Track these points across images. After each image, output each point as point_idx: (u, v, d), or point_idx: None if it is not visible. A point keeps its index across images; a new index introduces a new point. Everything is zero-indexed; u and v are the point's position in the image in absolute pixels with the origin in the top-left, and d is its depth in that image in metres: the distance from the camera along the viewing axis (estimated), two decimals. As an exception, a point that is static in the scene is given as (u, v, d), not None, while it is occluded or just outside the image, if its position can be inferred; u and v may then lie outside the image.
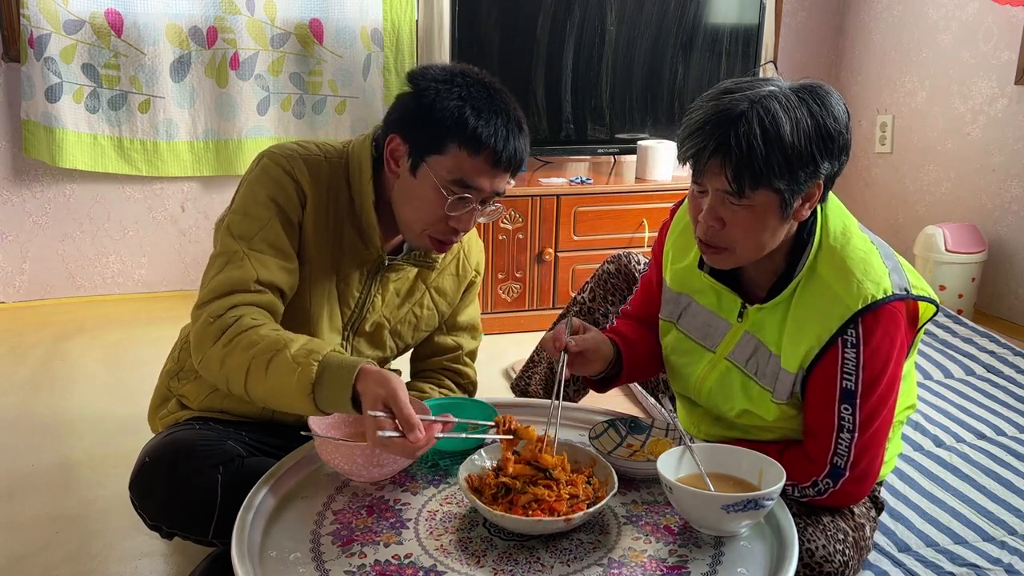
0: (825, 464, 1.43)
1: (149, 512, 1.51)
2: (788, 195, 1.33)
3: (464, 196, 1.46)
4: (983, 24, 3.41)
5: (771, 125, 1.29)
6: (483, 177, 1.46)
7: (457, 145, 1.44)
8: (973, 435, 2.25)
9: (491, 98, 1.46)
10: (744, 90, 1.33)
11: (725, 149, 1.30)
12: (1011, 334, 3.16)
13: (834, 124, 1.33)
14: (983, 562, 1.73)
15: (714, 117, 1.32)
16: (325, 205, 1.54)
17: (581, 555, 1.24)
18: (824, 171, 1.35)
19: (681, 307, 1.59)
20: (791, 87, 1.35)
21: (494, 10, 3.22)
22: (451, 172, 1.45)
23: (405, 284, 1.68)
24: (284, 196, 1.51)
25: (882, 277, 1.39)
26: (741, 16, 3.50)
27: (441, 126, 1.43)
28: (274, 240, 1.49)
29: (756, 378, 1.49)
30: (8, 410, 2.51)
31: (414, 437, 1.24)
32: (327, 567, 1.21)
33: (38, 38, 3.05)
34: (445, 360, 1.83)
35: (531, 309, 3.25)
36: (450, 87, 1.45)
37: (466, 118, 1.43)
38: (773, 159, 1.29)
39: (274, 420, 1.65)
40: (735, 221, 1.36)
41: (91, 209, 3.38)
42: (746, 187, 1.31)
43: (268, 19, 3.31)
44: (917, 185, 3.78)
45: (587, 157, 3.67)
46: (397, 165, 1.50)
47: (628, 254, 1.97)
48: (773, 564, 1.23)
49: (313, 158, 1.55)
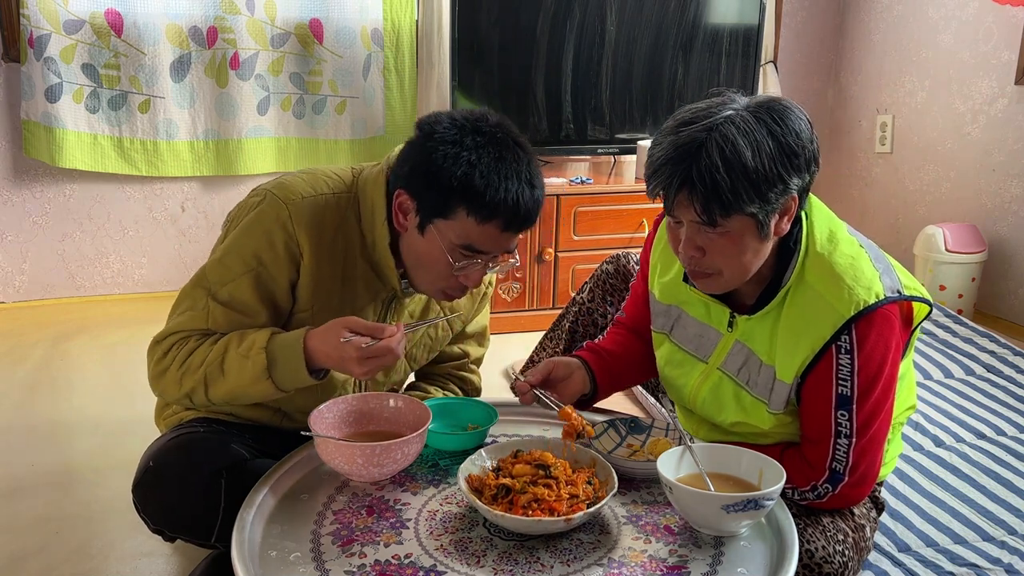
0: (824, 470, 1.42)
1: (152, 517, 1.50)
2: (762, 216, 1.33)
3: (472, 257, 1.44)
4: (983, 24, 3.41)
5: (732, 154, 1.28)
6: (492, 242, 1.43)
7: (465, 213, 1.39)
8: (973, 435, 2.25)
9: (502, 159, 1.40)
10: (701, 120, 1.31)
11: (690, 184, 1.30)
12: (1011, 334, 3.16)
13: (796, 140, 1.32)
14: (983, 562, 1.73)
15: (674, 154, 1.31)
16: (330, 247, 1.50)
17: (581, 555, 1.24)
18: (795, 186, 1.34)
19: (672, 319, 1.59)
20: (749, 108, 1.33)
21: (494, 10, 3.22)
22: (459, 238, 1.41)
23: (419, 306, 1.66)
24: (271, 254, 1.47)
25: (873, 281, 1.39)
26: (741, 16, 3.50)
27: (448, 192, 1.39)
28: (240, 297, 1.47)
29: (748, 388, 1.49)
30: (8, 410, 2.51)
31: (388, 333, 1.35)
32: (327, 567, 1.21)
33: (38, 38, 3.05)
34: (450, 367, 1.82)
35: (531, 309, 3.25)
36: (459, 150, 1.38)
37: (474, 186, 1.37)
38: (739, 187, 1.28)
39: (282, 426, 1.64)
40: (714, 248, 1.36)
41: (91, 209, 3.38)
42: (717, 217, 1.31)
43: (268, 19, 3.31)
44: (917, 185, 3.78)
45: (587, 157, 3.67)
46: (405, 219, 1.46)
47: (627, 254, 1.97)
48: (773, 564, 1.23)
49: (319, 201, 1.50)
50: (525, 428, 1.62)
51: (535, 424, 1.64)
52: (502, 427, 1.61)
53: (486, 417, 1.56)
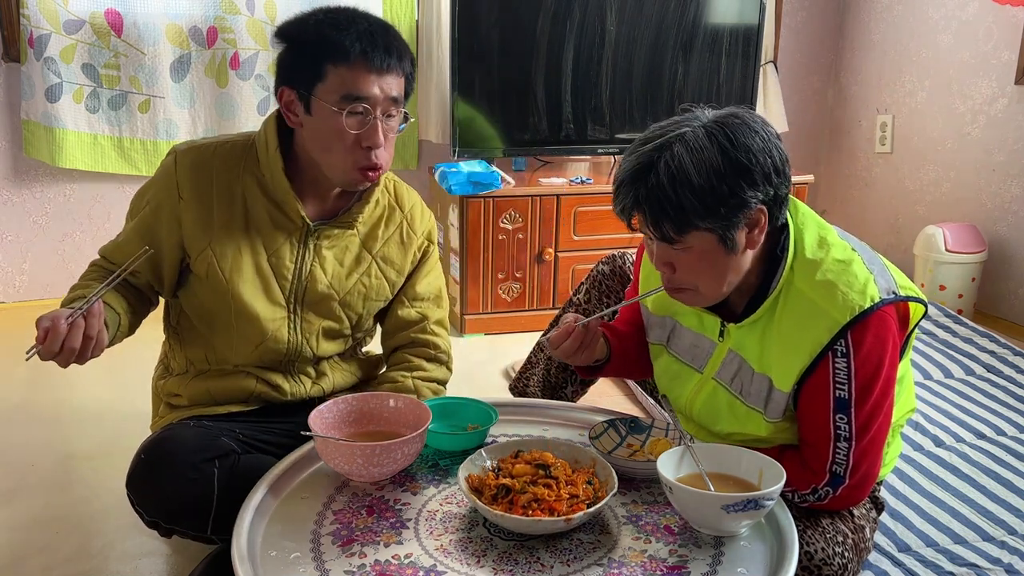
0: (824, 473, 1.42)
1: (147, 508, 1.52)
2: (721, 232, 1.33)
3: (359, 110, 1.50)
4: (983, 24, 3.41)
5: (678, 171, 1.30)
6: (366, 84, 1.50)
7: (331, 63, 1.49)
8: (973, 435, 2.25)
9: (348, 14, 1.52)
10: (657, 137, 1.35)
11: (639, 204, 1.33)
12: (1011, 334, 3.16)
13: (746, 155, 1.31)
14: (983, 562, 1.73)
15: (629, 175, 1.35)
16: (224, 191, 1.59)
17: (581, 555, 1.24)
18: (757, 199, 1.33)
19: (668, 329, 1.60)
20: (705, 124, 1.34)
21: (494, 10, 3.22)
22: (337, 91, 1.49)
23: (348, 255, 1.68)
24: (157, 198, 1.60)
25: (867, 284, 1.38)
26: (741, 16, 3.50)
27: (310, 54, 1.50)
28: (128, 234, 1.64)
29: (742, 398, 1.49)
30: (8, 410, 2.51)
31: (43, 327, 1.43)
32: (327, 567, 1.21)
33: (38, 38, 3.05)
34: (412, 332, 1.80)
35: (531, 309, 3.25)
36: (306, 20, 1.53)
37: (327, 35, 1.49)
38: (685, 203, 1.30)
39: (264, 408, 1.68)
40: (682, 265, 1.38)
41: (91, 209, 3.38)
42: (671, 233, 1.33)
43: (268, 19, 3.31)
44: (917, 185, 3.78)
45: (587, 157, 3.67)
46: (295, 114, 1.55)
47: (623, 254, 1.97)
48: (773, 564, 1.23)
49: (208, 147, 1.62)
50: (525, 428, 1.63)
51: (535, 424, 1.64)
52: (502, 427, 1.61)
53: (486, 417, 1.56)
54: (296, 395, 1.69)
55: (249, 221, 1.60)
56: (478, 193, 3.07)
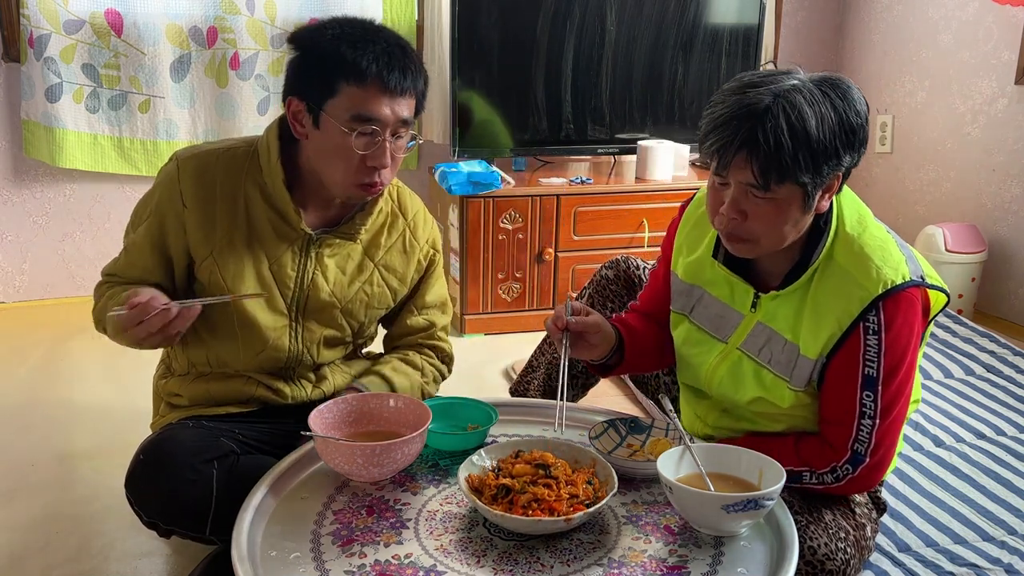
0: (846, 451, 1.43)
1: (146, 509, 1.52)
2: (811, 188, 1.35)
3: (368, 131, 1.49)
4: (983, 24, 3.41)
5: (797, 120, 1.30)
6: (378, 105, 1.49)
7: (344, 81, 1.47)
8: (973, 435, 2.25)
9: (366, 30, 1.50)
10: (767, 84, 1.33)
11: (752, 144, 1.31)
12: (1011, 334, 3.16)
13: (856, 118, 1.34)
14: (983, 562, 1.73)
15: (740, 112, 1.32)
16: (227, 198, 1.58)
17: (581, 555, 1.24)
18: (845, 163, 1.36)
19: (694, 299, 1.59)
20: (812, 80, 1.35)
21: (494, 10, 3.22)
22: (348, 110, 1.48)
23: (350, 263, 1.68)
24: (162, 207, 1.59)
25: (900, 263, 1.41)
26: (741, 16, 3.50)
27: (324, 69, 1.48)
28: (136, 243, 1.61)
29: (770, 367, 1.49)
30: (8, 410, 2.51)
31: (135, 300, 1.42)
32: (327, 567, 1.21)
33: (38, 38, 3.05)
34: (420, 337, 1.81)
35: (531, 309, 3.24)
36: (323, 31, 1.50)
37: (343, 53, 1.46)
38: (800, 154, 1.30)
39: (264, 409, 1.68)
40: (757, 214, 1.37)
41: (91, 209, 3.38)
42: (772, 182, 1.32)
43: (268, 19, 3.31)
44: (917, 185, 3.78)
45: (587, 157, 3.67)
46: (302, 125, 1.54)
47: (627, 259, 1.96)
48: (773, 564, 1.23)
49: (210, 154, 1.60)
50: (525, 428, 1.63)
51: (535, 424, 1.64)
52: (502, 427, 1.61)
53: (486, 417, 1.56)
54: (297, 399, 1.69)
55: (251, 229, 1.60)
56: (478, 193, 3.07)
